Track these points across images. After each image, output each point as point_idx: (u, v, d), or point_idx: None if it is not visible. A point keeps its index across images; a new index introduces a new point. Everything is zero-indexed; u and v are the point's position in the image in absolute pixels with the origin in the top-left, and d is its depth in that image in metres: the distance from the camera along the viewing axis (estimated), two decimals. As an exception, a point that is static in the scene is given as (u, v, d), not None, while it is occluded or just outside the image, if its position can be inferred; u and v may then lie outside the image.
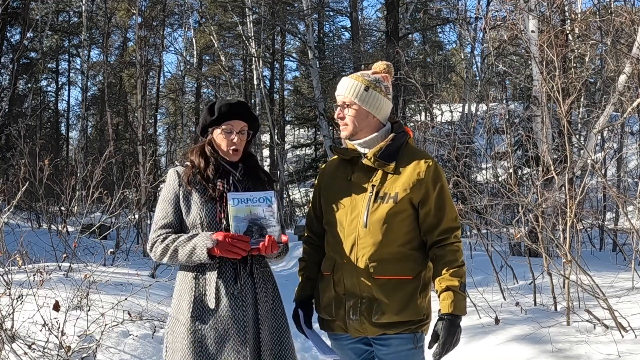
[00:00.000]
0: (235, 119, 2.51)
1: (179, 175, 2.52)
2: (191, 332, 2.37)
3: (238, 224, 2.37)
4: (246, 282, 2.43)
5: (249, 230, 2.38)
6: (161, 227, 2.48)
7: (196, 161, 2.51)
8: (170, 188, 2.52)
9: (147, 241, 2.52)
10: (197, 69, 24.06)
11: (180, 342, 2.39)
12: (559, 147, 9.06)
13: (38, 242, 7.53)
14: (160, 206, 2.52)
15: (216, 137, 2.53)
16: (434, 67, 23.25)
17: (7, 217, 7.28)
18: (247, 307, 2.40)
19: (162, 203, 2.52)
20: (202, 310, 2.39)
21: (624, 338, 4.30)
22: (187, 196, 2.48)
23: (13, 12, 18.16)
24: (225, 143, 2.51)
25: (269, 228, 2.39)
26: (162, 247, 2.43)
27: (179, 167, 2.57)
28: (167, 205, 2.50)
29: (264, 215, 2.39)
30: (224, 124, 2.50)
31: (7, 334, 3.95)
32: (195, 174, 2.50)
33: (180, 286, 2.49)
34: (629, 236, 6.70)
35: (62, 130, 25.92)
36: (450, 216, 2.40)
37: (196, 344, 2.36)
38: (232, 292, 2.40)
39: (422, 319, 2.38)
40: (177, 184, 2.51)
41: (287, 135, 28.90)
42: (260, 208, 2.39)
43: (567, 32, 10.11)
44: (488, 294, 5.76)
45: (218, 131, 2.52)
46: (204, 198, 2.46)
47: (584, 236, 9.25)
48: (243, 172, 2.56)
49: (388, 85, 2.52)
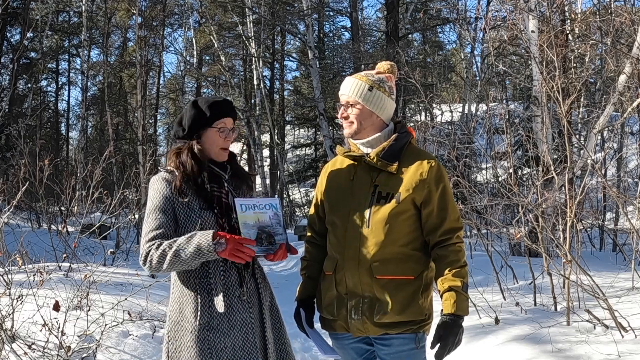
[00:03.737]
0: (227, 116, 2.44)
1: (169, 182, 2.36)
2: (201, 341, 2.26)
3: (248, 230, 2.30)
4: (250, 284, 2.40)
5: (259, 238, 2.31)
6: (154, 238, 2.29)
7: (187, 164, 2.36)
8: (161, 196, 2.34)
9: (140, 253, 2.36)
10: (197, 69, 24.05)
11: (187, 351, 2.27)
12: (559, 147, 9.07)
13: (38, 242, 7.53)
14: (153, 216, 2.32)
15: (208, 138, 2.40)
16: (434, 67, 23.25)
17: (7, 217, 7.27)
18: (253, 308, 2.38)
19: (154, 212, 2.33)
20: (211, 316, 2.29)
21: (624, 338, 4.30)
22: (182, 204, 2.34)
23: (13, 12, 18.17)
24: (219, 142, 2.41)
25: (277, 236, 2.34)
26: (159, 254, 2.25)
27: (164, 174, 2.40)
28: (159, 215, 2.32)
29: (270, 222, 2.34)
30: (218, 124, 2.40)
31: (7, 334, 3.95)
32: (189, 180, 2.36)
33: (180, 293, 2.36)
34: (629, 236, 6.70)
35: (62, 130, 25.94)
36: (452, 216, 2.39)
37: (206, 351, 2.25)
38: (239, 295, 2.34)
39: (424, 319, 2.38)
40: (168, 192, 2.34)
41: (287, 135, 28.90)
42: (266, 215, 2.34)
43: (567, 32, 10.11)
44: (488, 294, 5.76)
45: (213, 131, 2.40)
46: (200, 204, 2.35)
47: (584, 236, 9.25)
48: (230, 171, 2.50)
49: (392, 85, 2.51)
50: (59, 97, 25.63)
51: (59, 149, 23.16)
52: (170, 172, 2.40)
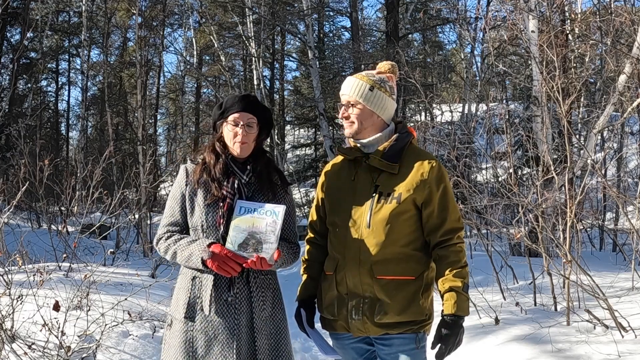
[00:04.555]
0: (241, 111, 2.46)
1: (188, 173, 2.51)
2: (184, 332, 2.41)
3: (237, 234, 2.33)
4: (241, 290, 2.42)
5: (245, 243, 2.33)
6: (168, 224, 2.50)
7: (207, 158, 2.49)
8: (178, 186, 2.52)
9: (153, 238, 2.56)
10: (197, 69, 24.04)
11: (174, 339, 2.43)
12: (559, 147, 9.07)
13: (38, 242, 7.53)
14: (169, 203, 2.53)
15: (224, 132, 2.50)
16: (434, 67, 23.24)
17: (7, 217, 7.27)
18: (241, 314, 2.40)
19: (170, 200, 2.53)
20: (194, 312, 2.41)
21: (624, 338, 4.30)
22: (192, 196, 2.47)
23: (13, 12, 18.16)
24: (231, 136, 2.46)
25: (265, 244, 2.32)
26: (165, 245, 2.47)
27: (189, 165, 2.54)
28: (174, 204, 2.51)
29: (264, 229, 2.33)
30: (230, 118, 2.46)
31: (7, 334, 3.95)
32: (203, 172, 2.46)
33: (179, 285, 2.51)
34: (629, 236, 6.70)
35: (62, 130, 25.92)
36: (453, 217, 2.40)
37: (187, 343, 2.39)
38: (226, 299, 2.39)
39: (425, 319, 2.38)
40: (184, 183, 2.50)
41: (287, 135, 28.89)
42: (264, 222, 2.33)
43: (567, 32, 10.11)
44: (488, 294, 5.76)
45: (226, 124, 2.48)
46: (207, 200, 2.43)
47: (584, 236, 9.26)
48: (251, 173, 2.49)
49: (393, 85, 2.51)
50: (59, 97, 25.62)
51: (59, 149, 23.15)
52: (195, 163, 2.53)
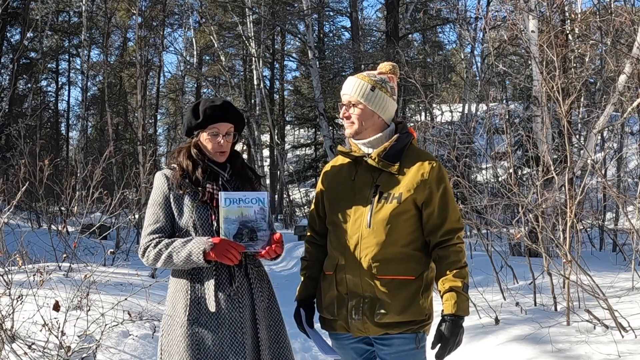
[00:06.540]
0: (221, 121, 2.46)
1: (168, 178, 2.48)
2: (189, 335, 2.35)
3: (228, 226, 2.34)
4: (242, 283, 2.42)
5: (239, 233, 2.34)
6: (152, 232, 2.44)
7: (184, 164, 2.47)
8: (159, 192, 2.47)
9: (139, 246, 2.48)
10: (197, 69, 24.05)
11: (177, 345, 2.37)
12: (559, 147, 9.07)
13: (38, 242, 7.53)
14: (151, 210, 2.47)
15: (202, 140, 2.49)
16: (434, 67, 23.25)
17: (7, 217, 7.27)
18: (244, 307, 2.40)
19: (152, 207, 2.48)
20: (199, 313, 2.38)
21: (624, 338, 4.30)
22: (178, 200, 2.44)
23: (13, 12, 18.16)
24: (211, 146, 2.47)
25: (259, 231, 2.35)
26: (155, 252, 2.40)
27: (166, 170, 2.52)
28: (157, 210, 2.46)
29: (255, 217, 2.35)
30: (209, 128, 2.45)
31: (7, 334, 3.95)
32: (184, 177, 2.45)
33: (174, 288, 2.46)
34: (629, 236, 6.70)
35: (62, 130, 25.96)
36: (453, 217, 2.40)
37: (194, 346, 2.34)
38: (229, 294, 2.38)
39: (424, 319, 2.38)
40: (166, 188, 2.46)
41: (287, 135, 28.92)
42: (252, 209, 2.36)
43: (567, 32, 10.11)
44: (488, 294, 5.76)
45: (204, 134, 2.47)
46: (195, 202, 2.42)
47: (584, 236, 9.25)
48: (231, 172, 2.53)
49: (393, 85, 2.51)
50: (59, 97, 25.66)
51: (59, 149, 23.16)
52: (172, 169, 2.51)
